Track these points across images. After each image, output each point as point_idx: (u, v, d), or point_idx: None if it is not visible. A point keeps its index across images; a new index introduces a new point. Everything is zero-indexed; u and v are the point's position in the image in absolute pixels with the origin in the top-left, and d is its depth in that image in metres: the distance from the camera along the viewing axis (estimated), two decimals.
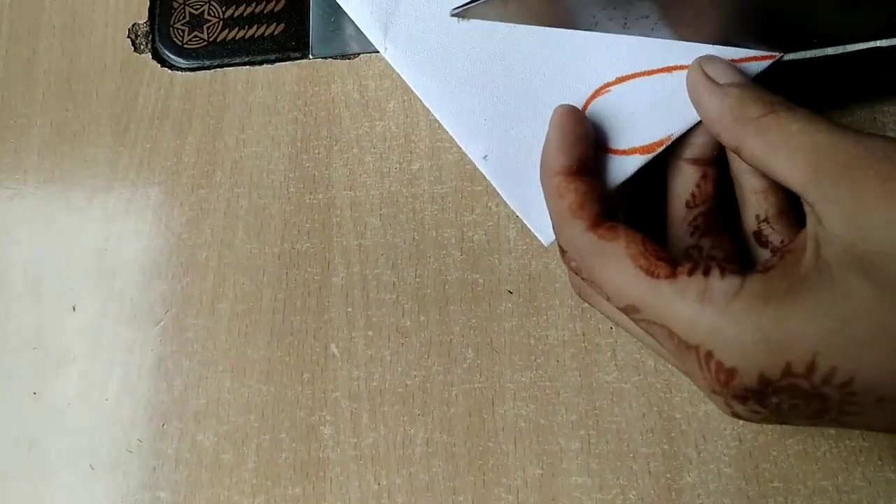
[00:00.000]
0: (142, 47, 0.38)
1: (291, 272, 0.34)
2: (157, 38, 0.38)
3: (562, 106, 0.25)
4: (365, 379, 0.32)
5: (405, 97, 0.35)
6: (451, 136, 0.34)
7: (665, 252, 0.22)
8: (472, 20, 0.27)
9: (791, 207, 0.25)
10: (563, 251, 0.24)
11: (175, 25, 0.38)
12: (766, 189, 0.25)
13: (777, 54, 0.25)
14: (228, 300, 0.34)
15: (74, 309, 0.35)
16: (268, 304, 0.33)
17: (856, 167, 0.20)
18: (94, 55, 0.39)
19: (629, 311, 0.22)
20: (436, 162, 0.34)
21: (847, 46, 0.25)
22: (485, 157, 0.27)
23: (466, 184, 0.33)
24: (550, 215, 0.25)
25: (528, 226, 0.27)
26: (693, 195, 0.26)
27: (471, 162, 0.34)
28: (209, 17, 0.38)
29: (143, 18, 0.39)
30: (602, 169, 0.26)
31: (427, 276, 0.32)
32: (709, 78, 0.24)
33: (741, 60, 0.25)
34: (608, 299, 0.23)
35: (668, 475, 0.28)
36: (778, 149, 0.21)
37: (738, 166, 0.26)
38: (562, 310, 0.31)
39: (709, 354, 0.20)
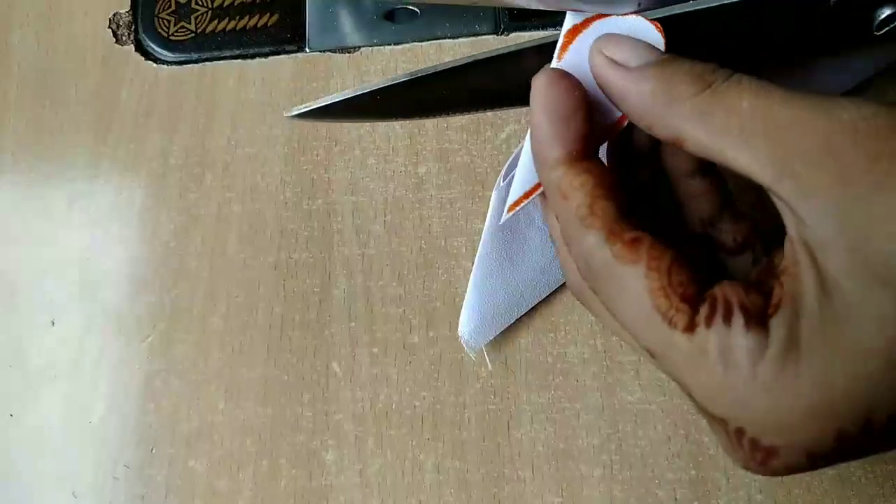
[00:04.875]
0: (124, 39, 0.37)
1: (289, 284, 0.32)
2: (140, 29, 0.37)
3: (544, 73, 0.20)
4: (370, 400, 0.30)
5: None
6: (459, 138, 0.33)
7: (693, 283, 0.18)
8: None
9: (733, 200, 0.22)
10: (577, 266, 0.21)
11: (160, 15, 0.37)
12: (705, 191, 0.22)
13: None
14: (221, 314, 0.32)
15: (53, 323, 0.33)
16: (264, 318, 0.32)
17: (836, 149, 0.16)
18: (73, 47, 0.37)
19: (649, 354, 0.19)
20: (444, 165, 0.33)
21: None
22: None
23: (477, 188, 0.32)
24: (559, 220, 0.21)
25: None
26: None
27: (481, 165, 0.32)
28: (197, 7, 0.36)
29: (124, 7, 0.37)
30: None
31: (436, 288, 0.31)
32: (616, 64, 0.20)
33: None
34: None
35: (696, 503, 0.28)
36: (728, 135, 0.17)
37: (670, 166, 0.22)
38: (581, 325, 0.30)
39: (740, 431, 0.17)
